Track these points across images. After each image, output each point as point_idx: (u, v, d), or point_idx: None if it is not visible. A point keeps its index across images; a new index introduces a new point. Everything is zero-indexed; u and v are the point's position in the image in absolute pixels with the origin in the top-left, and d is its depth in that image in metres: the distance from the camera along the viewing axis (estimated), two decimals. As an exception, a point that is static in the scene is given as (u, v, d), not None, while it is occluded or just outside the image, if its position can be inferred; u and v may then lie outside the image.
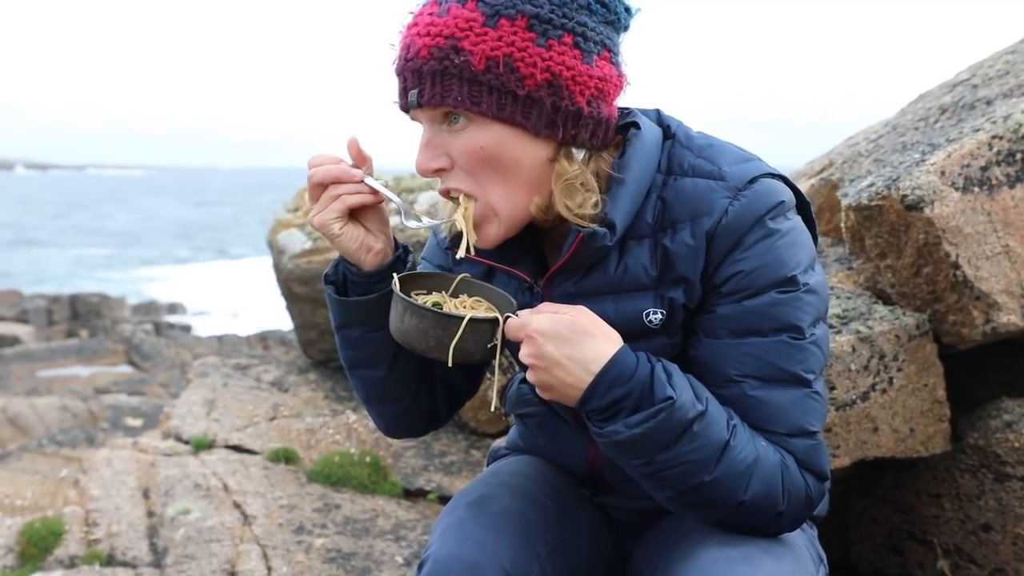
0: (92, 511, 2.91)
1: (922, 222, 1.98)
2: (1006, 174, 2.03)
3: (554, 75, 1.12)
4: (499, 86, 1.11)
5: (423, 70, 1.12)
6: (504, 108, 1.12)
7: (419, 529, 2.79)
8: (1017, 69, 2.42)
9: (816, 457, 1.19)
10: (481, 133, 1.14)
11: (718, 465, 1.12)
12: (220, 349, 12.36)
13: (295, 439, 3.45)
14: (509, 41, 1.10)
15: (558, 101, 1.13)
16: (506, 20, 1.10)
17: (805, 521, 1.23)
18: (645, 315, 1.21)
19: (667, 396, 1.10)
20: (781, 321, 1.16)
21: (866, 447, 2.01)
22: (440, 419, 1.48)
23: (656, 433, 1.10)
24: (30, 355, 12.37)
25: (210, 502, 2.86)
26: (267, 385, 4.13)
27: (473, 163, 1.16)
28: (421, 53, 1.12)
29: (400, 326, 1.18)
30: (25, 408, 7.90)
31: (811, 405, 1.18)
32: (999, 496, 2.08)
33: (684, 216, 1.19)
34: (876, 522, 2.37)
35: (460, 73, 1.11)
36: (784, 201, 1.19)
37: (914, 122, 2.52)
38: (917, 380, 2.04)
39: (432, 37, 1.12)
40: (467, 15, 1.10)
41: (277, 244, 4.33)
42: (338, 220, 1.23)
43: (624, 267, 1.21)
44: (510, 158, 1.15)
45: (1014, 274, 2.00)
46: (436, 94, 1.12)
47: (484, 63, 1.10)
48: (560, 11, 1.12)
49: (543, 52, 1.11)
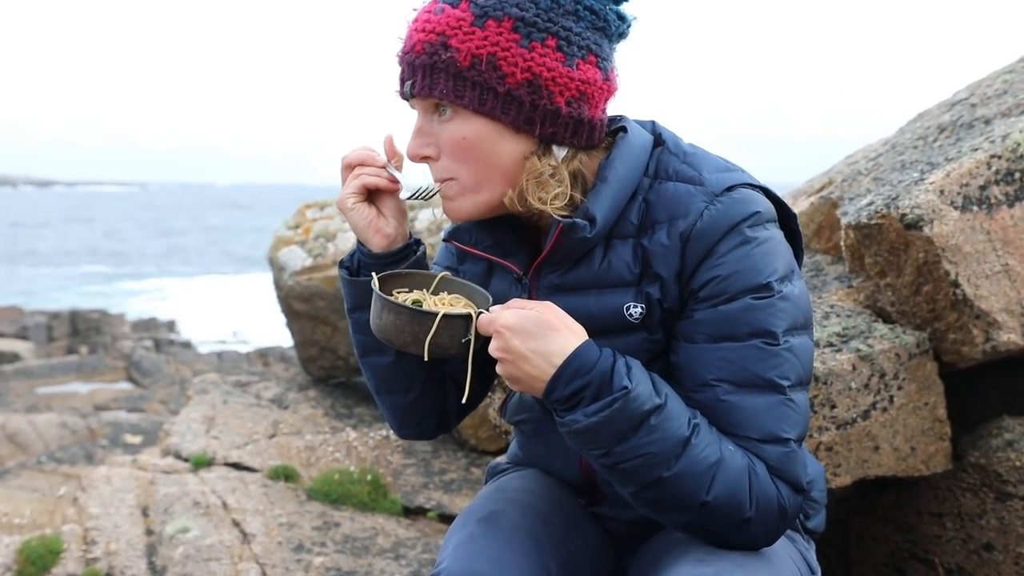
0: (91, 529, 2.90)
1: (921, 241, 1.98)
2: (1005, 193, 2.04)
3: (534, 75, 1.19)
4: (481, 82, 1.19)
5: (416, 63, 1.22)
6: (485, 103, 1.20)
7: (419, 547, 2.78)
8: (1015, 88, 2.44)
9: (789, 465, 1.19)
10: (464, 125, 1.22)
11: (678, 461, 1.14)
12: (220, 366, 12.36)
13: (295, 456, 3.44)
14: (494, 41, 1.18)
15: (537, 100, 1.20)
16: (493, 21, 1.18)
17: (780, 533, 1.22)
18: (626, 308, 1.26)
19: (623, 386, 1.14)
20: (755, 326, 1.18)
21: (867, 466, 2.01)
22: (450, 421, 1.51)
23: (612, 422, 1.14)
24: (29, 372, 12.36)
25: (209, 520, 2.85)
26: (267, 402, 4.12)
27: (456, 152, 1.24)
28: (416, 47, 1.22)
29: (379, 322, 1.24)
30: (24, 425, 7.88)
31: (785, 412, 1.19)
32: (1001, 515, 2.08)
33: (663, 217, 1.24)
34: (877, 541, 2.37)
35: (447, 68, 1.19)
36: (760, 212, 1.22)
37: (913, 141, 2.54)
38: (918, 398, 2.04)
39: (426, 33, 1.20)
40: (458, 15, 1.19)
41: (278, 261, 4.33)
42: (354, 196, 1.33)
43: (608, 263, 1.27)
44: (489, 150, 1.23)
45: (1014, 293, 2.00)
46: (425, 86, 1.21)
47: (469, 60, 1.18)
48: (546, 15, 1.19)
49: (525, 53, 1.18)
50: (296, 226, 4.54)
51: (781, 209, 1.28)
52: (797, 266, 1.27)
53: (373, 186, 1.33)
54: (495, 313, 1.19)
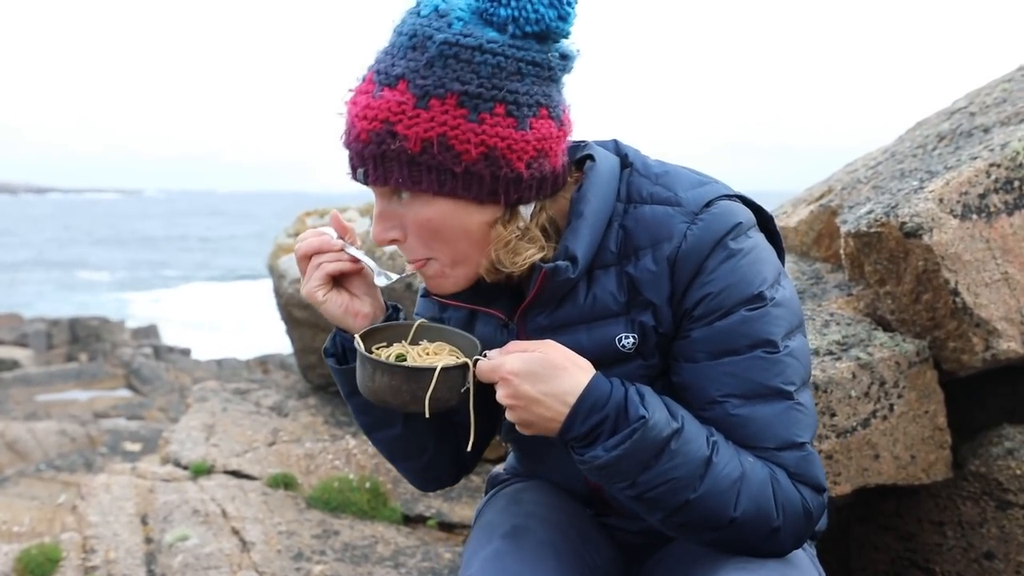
0: (90, 537, 2.90)
1: (921, 249, 1.98)
2: (1004, 201, 2.04)
3: (489, 148, 1.13)
4: (436, 165, 1.13)
5: (364, 153, 1.15)
6: (444, 184, 1.15)
7: (418, 556, 2.78)
8: (1014, 97, 2.44)
9: (809, 468, 1.20)
10: (427, 208, 1.17)
11: (702, 482, 1.14)
12: (220, 373, 12.35)
13: (294, 464, 3.43)
14: (441, 121, 1.12)
15: (497, 171, 1.15)
16: (436, 100, 1.11)
17: (807, 536, 1.23)
18: (617, 340, 1.24)
19: (640, 416, 1.13)
20: (754, 337, 1.18)
21: (867, 474, 2.01)
22: (468, 464, 1.50)
23: (634, 453, 1.13)
24: (29, 379, 12.34)
25: (208, 528, 2.85)
26: (266, 410, 4.12)
27: (423, 233, 1.20)
28: (361, 136, 1.15)
29: (372, 386, 1.20)
30: (23, 432, 7.87)
31: (796, 417, 1.19)
32: (1001, 524, 2.08)
33: (645, 243, 1.22)
34: (878, 550, 2.36)
35: (398, 156, 1.13)
36: (741, 222, 1.22)
37: (912, 149, 2.54)
38: (918, 407, 2.04)
39: (368, 121, 1.14)
40: (398, 98, 1.12)
41: (278, 269, 4.34)
42: (322, 288, 1.28)
43: (593, 296, 1.25)
44: (458, 227, 1.19)
45: (1013, 301, 2.00)
46: (379, 176, 1.16)
47: (419, 145, 1.12)
48: (489, 83, 1.13)
49: (475, 127, 1.12)
50: (296, 233, 4.54)
51: (758, 213, 1.29)
52: (783, 267, 1.28)
53: (337, 272, 1.29)
54: (497, 360, 1.16)
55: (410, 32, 1.14)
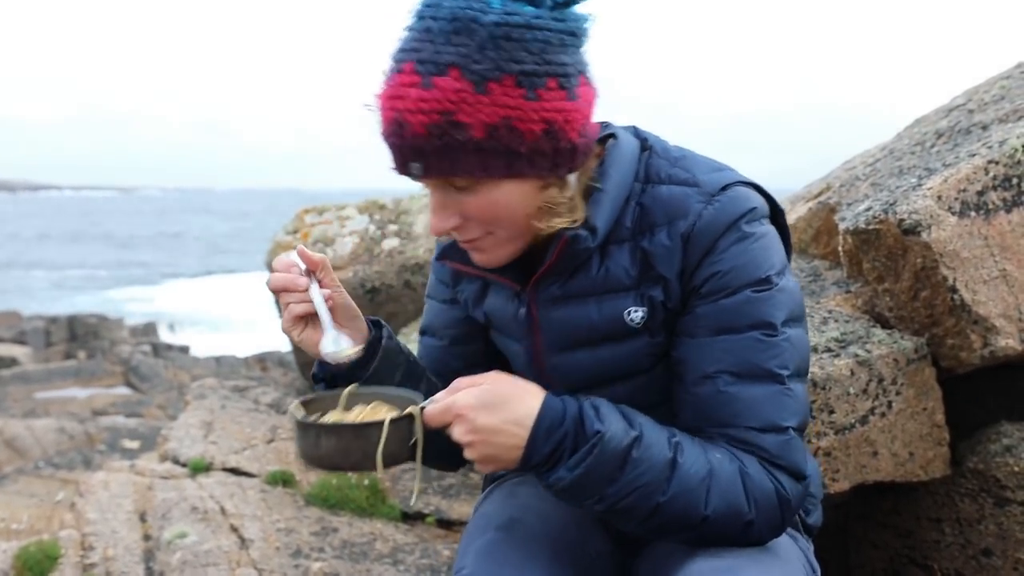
0: (88, 535, 2.90)
1: (919, 246, 1.98)
2: (1002, 199, 2.04)
3: (548, 123, 1.14)
4: (503, 149, 1.13)
5: (424, 147, 1.12)
6: (512, 166, 1.14)
7: (417, 553, 2.78)
8: (1012, 94, 2.44)
9: (789, 453, 1.20)
10: (493, 192, 1.17)
11: (670, 484, 1.14)
12: (218, 371, 12.34)
13: (293, 462, 3.43)
14: (502, 103, 1.11)
15: (556, 144, 1.15)
16: (494, 84, 1.10)
17: (787, 524, 1.23)
18: (627, 314, 1.26)
19: (596, 431, 1.13)
20: (755, 317, 1.20)
21: (865, 471, 2.01)
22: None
23: (597, 468, 1.13)
24: (27, 376, 12.32)
25: (207, 526, 2.85)
26: (265, 407, 4.12)
27: (487, 217, 1.20)
28: (417, 131, 1.12)
29: (317, 452, 1.14)
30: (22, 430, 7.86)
31: (784, 401, 1.20)
32: (999, 521, 2.08)
33: (661, 220, 1.24)
34: (876, 547, 2.36)
35: (464, 146, 1.12)
36: (756, 207, 1.24)
37: (911, 147, 2.54)
38: (916, 404, 2.04)
39: (425, 114, 1.11)
40: (454, 86, 1.09)
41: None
42: (295, 327, 1.29)
43: (606, 269, 1.26)
44: (520, 205, 1.20)
45: (1011, 298, 2.01)
46: (444, 168, 1.14)
47: (484, 131, 1.11)
48: (540, 59, 1.12)
49: (535, 105, 1.12)
50: (295, 231, 4.54)
51: (771, 207, 1.30)
52: (787, 261, 1.29)
53: (304, 313, 1.28)
54: (447, 399, 1.14)
55: (449, 16, 1.11)
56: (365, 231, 4.37)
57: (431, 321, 1.53)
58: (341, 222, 4.50)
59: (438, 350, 1.52)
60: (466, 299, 1.45)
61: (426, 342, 1.54)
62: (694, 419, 1.23)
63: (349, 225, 4.45)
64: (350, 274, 4.07)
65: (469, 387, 1.15)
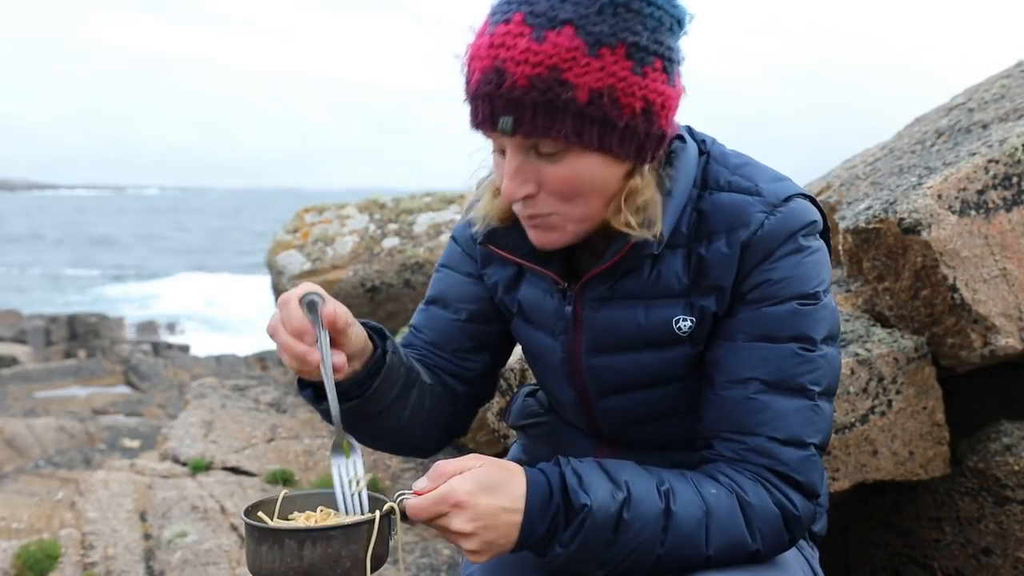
0: (88, 534, 2.90)
1: (919, 245, 1.98)
2: (1003, 198, 2.04)
3: (648, 103, 1.10)
4: (601, 118, 1.09)
5: (524, 101, 1.08)
6: (604, 138, 1.10)
7: (417, 552, 2.78)
8: (1012, 93, 2.44)
9: (808, 470, 1.19)
10: (578, 162, 1.13)
11: (667, 534, 1.12)
12: (218, 370, 12.34)
13: (293, 461, 3.44)
14: (611, 71, 1.07)
15: (649, 127, 1.12)
16: (607, 49, 1.06)
17: (795, 543, 1.21)
18: (675, 322, 1.23)
19: (582, 504, 1.09)
20: (797, 330, 1.18)
21: (865, 470, 2.01)
22: (462, 429, 1.50)
23: (591, 539, 1.10)
24: (28, 376, 12.32)
25: (207, 524, 2.85)
26: (265, 406, 4.12)
27: (565, 190, 1.15)
28: (519, 82, 1.07)
29: (301, 564, 0.99)
30: (22, 429, 7.86)
31: (811, 418, 1.19)
32: (999, 520, 2.08)
33: (721, 227, 1.21)
34: (876, 546, 2.36)
35: (565, 106, 1.07)
36: (816, 221, 1.22)
37: (911, 145, 2.54)
38: (916, 403, 2.04)
39: (532, 66, 1.06)
40: (568, 44, 1.06)
41: (276, 265, 4.33)
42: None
43: (657, 273, 1.23)
44: (601, 184, 1.15)
45: (1012, 297, 2.01)
46: (538, 126, 1.09)
47: (588, 95, 1.07)
48: (652, 36, 1.09)
49: (639, 81, 1.09)
50: (295, 230, 4.54)
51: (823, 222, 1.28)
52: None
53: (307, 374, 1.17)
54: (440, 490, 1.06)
55: None
56: (365, 230, 4.37)
57: (445, 292, 1.46)
58: (341, 221, 4.50)
59: (449, 323, 1.45)
60: (495, 283, 1.40)
61: (435, 313, 1.47)
62: (716, 422, 1.21)
63: (349, 224, 4.45)
64: (350, 273, 4.07)
65: (456, 473, 1.08)
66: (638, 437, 1.36)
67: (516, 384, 2.18)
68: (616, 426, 1.36)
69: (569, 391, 1.35)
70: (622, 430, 1.36)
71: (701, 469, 1.20)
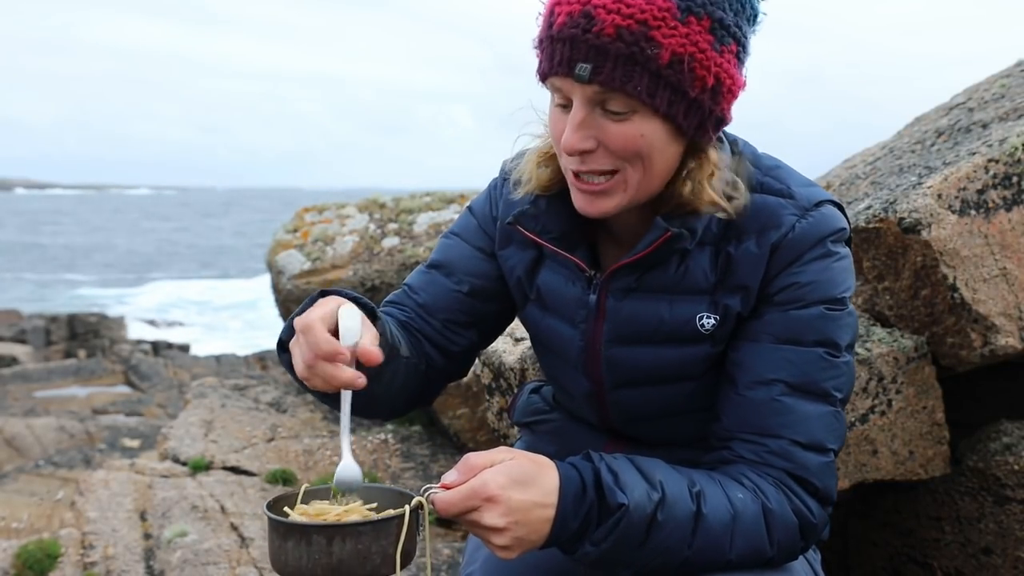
0: (88, 533, 2.90)
1: (919, 245, 1.98)
2: (1003, 197, 2.04)
3: (718, 81, 1.12)
4: (676, 84, 1.09)
5: (608, 49, 1.07)
6: (673, 105, 1.11)
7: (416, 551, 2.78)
8: (1012, 93, 2.44)
9: (826, 476, 1.19)
10: (645, 124, 1.12)
11: (695, 536, 1.12)
12: (218, 369, 12.33)
13: (293, 460, 3.43)
14: (694, 40, 1.08)
15: (714, 106, 1.13)
16: (694, 18, 1.08)
17: (807, 549, 1.22)
18: (698, 319, 1.23)
19: (619, 503, 1.07)
20: (823, 334, 1.19)
21: (865, 470, 2.01)
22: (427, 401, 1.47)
23: (624, 539, 1.09)
24: (27, 375, 12.32)
25: (207, 524, 2.85)
26: (265, 406, 4.12)
27: (626, 150, 1.14)
28: (607, 30, 1.07)
29: (329, 561, 0.96)
30: (22, 429, 7.86)
31: (833, 424, 1.20)
32: (999, 519, 2.08)
33: (752, 228, 1.21)
34: (876, 545, 2.36)
35: (646, 63, 1.07)
36: (844, 229, 1.23)
37: (911, 145, 2.54)
38: (916, 402, 2.04)
39: (623, 17, 1.06)
40: (661, 3, 1.07)
41: (276, 265, 4.33)
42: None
43: (685, 268, 1.23)
44: (660, 152, 1.15)
45: (1011, 296, 2.00)
46: (616, 78, 1.08)
47: (669, 58, 1.08)
48: (735, 19, 1.11)
49: (716, 57, 1.10)
50: (294, 230, 4.54)
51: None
52: None
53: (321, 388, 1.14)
54: (471, 483, 1.03)
55: None
56: (365, 230, 4.37)
57: (451, 260, 1.43)
58: (341, 221, 4.50)
59: (448, 292, 1.42)
60: (512, 266, 1.39)
61: (436, 278, 1.43)
62: (736, 423, 1.21)
63: (349, 224, 4.45)
64: (350, 273, 4.07)
65: (487, 466, 1.05)
66: (647, 433, 1.36)
67: (516, 384, 2.18)
68: (626, 420, 1.35)
69: (583, 381, 1.34)
70: (631, 424, 1.36)
71: (723, 471, 1.19)
